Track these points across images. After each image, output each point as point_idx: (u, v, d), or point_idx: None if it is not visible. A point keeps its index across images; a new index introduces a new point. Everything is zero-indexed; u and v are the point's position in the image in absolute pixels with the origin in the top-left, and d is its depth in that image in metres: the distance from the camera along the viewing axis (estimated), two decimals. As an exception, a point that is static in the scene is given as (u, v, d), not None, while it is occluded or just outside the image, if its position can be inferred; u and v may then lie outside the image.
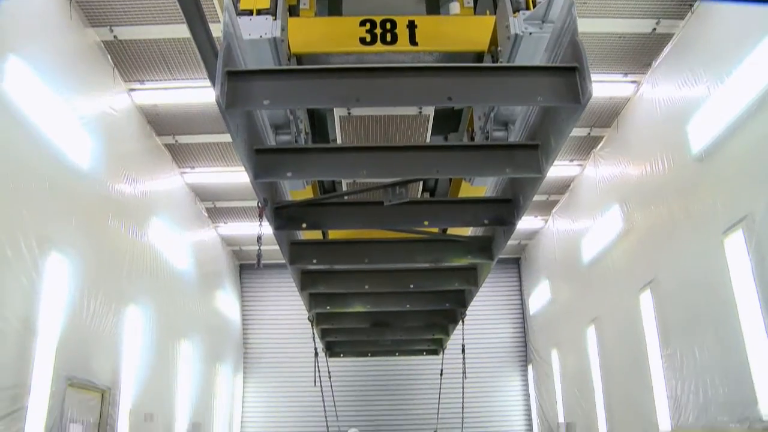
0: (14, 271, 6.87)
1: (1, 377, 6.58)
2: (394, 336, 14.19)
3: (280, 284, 17.88)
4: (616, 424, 11.62)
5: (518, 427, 17.83)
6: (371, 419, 17.37)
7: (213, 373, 15.10)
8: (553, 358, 15.56)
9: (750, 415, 7.42)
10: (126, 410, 9.71)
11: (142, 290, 10.55)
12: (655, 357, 9.86)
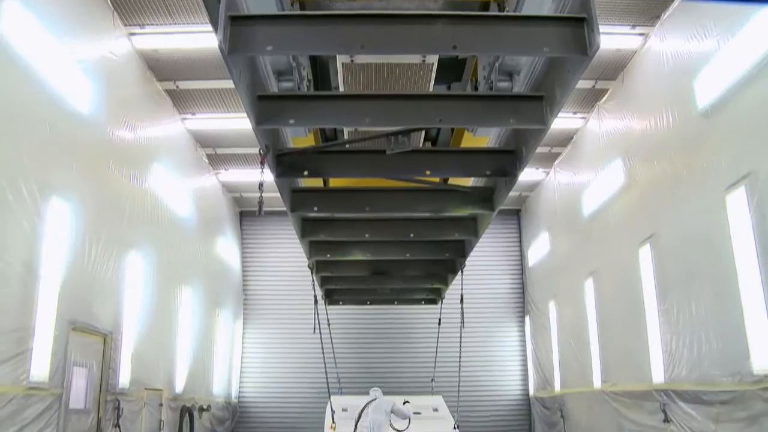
0: (16, 216, 6.89)
1: (5, 320, 6.68)
2: (393, 285, 14.34)
3: (280, 232, 17.95)
4: (611, 375, 11.80)
5: (514, 377, 18.11)
6: (369, 367, 17.62)
7: (213, 319, 15.27)
8: (551, 310, 15.71)
9: (742, 369, 7.54)
10: (128, 354, 9.85)
11: (143, 236, 10.59)
12: (652, 311, 9.96)
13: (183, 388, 12.56)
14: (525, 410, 17.77)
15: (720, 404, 7.99)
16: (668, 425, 9.31)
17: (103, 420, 8.91)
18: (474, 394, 17.21)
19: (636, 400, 10.48)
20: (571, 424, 13.97)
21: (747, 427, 7.47)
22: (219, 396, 15.66)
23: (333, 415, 12.15)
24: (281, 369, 17.88)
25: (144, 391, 10.41)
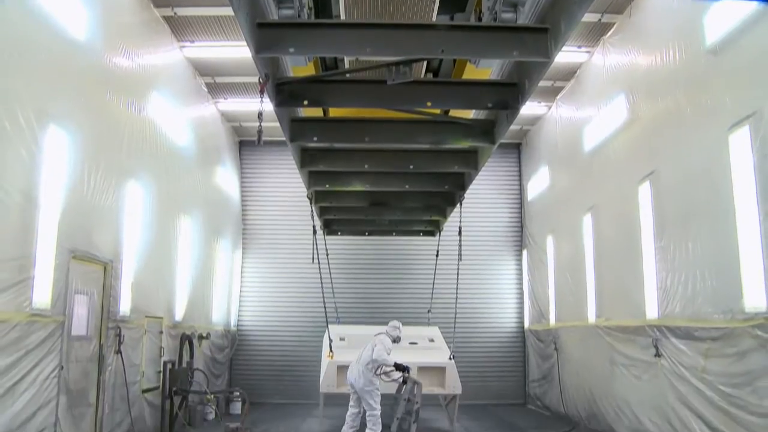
0: (13, 144, 6.83)
1: (6, 248, 6.71)
2: (392, 216, 14.46)
3: (279, 161, 17.91)
4: (605, 310, 11.96)
5: (510, 310, 18.38)
6: (367, 297, 17.87)
7: (212, 248, 15.38)
8: (548, 244, 15.81)
9: (734, 307, 7.64)
10: (128, 282, 9.94)
11: (142, 165, 10.55)
12: (649, 248, 10.02)
13: (183, 316, 12.74)
14: (520, 342, 18.11)
15: (711, 340, 8.14)
16: (659, 360, 9.49)
17: (105, 346, 9.08)
18: (470, 325, 17.48)
19: (629, 335, 10.66)
20: (565, 357, 14.26)
21: (735, 362, 7.64)
22: (218, 324, 15.92)
23: (331, 344, 12.35)
24: (280, 298, 18.13)
25: (144, 319, 10.56)
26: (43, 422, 7.39)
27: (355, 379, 10.45)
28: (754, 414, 7.26)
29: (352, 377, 10.51)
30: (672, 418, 9.10)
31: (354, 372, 10.51)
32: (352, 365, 10.66)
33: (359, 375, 10.41)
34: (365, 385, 10.41)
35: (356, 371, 10.49)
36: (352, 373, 10.53)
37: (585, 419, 12.77)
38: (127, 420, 9.57)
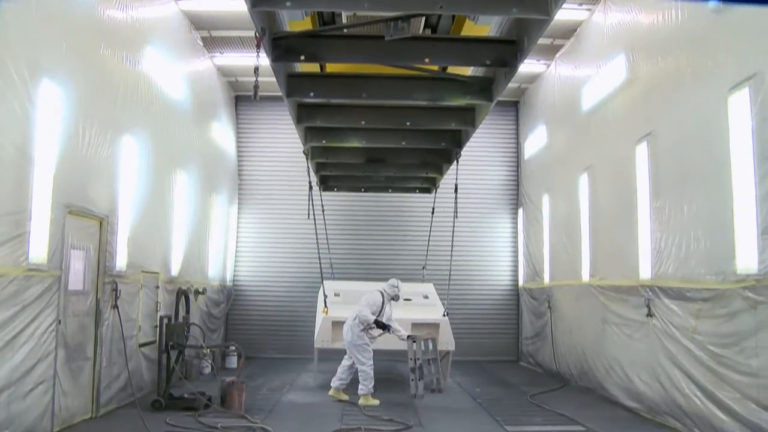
0: (6, 98, 6.76)
1: (1, 203, 6.68)
2: (388, 173, 14.47)
3: (276, 117, 17.79)
4: (599, 269, 12.05)
5: (504, 268, 18.50)
6: (362, 253, 17.94)
7: (208, 204, 15.37)
8: (544, 203, 15.84)
9: (726, 269, 7.70)
10: (124, 238, 9.94)
11: (137, 120, 10.46)
12: (644, 209, 10.04)
13: (179, 271, 12.79)
14: (514, 300, 18.28)
15: (702, 301, 8.23)
16: (651, 319, 9.60)
17: (102, 301, 9.13)
18: (464, 282, 17.62)
19: (622, 294, 10.75)
20: (558, 315, 14.41)
21: (725, 323, 7.73)
22: (214, 279, 16.00)
23: (326, 300, 12.46)
24: (275, 254, 18.20)
25: (141, 274, 10.60)
26: (43, 375, 7.48)
27: (345, 333, 10.94)
28: (741, 373, 7.39)
29: (344, 332, 10.97)
30: (661, 377, 9.25)
31: (345, 327, 10.96)
32: (347, 320, 10.98)
33: (348, 330, 10.89)
34: (353, 340, 10.84)
35: (347, 326, 10.92)
36: (345, 328, 10.97)
37: (576, 377, 12.97)
38: (125, 374, 9.67)
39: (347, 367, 11.13)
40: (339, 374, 11.16)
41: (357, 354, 10.81)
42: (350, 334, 10.87)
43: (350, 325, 10.92)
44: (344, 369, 11.16)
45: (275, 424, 8.88)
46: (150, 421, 8.56)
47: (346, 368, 11.15)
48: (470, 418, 9.93)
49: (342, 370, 11.16)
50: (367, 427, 8.77)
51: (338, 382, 11.14)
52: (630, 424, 9.34)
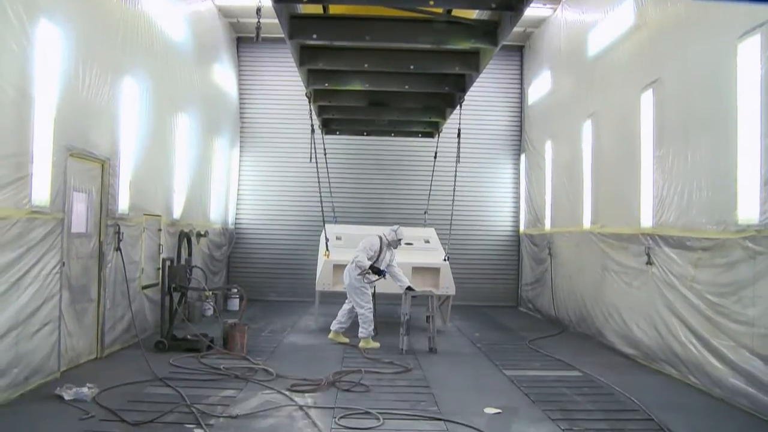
0: (4, 39, 6.65)
1: (3, 145, 6.65)
2: (391, 116, 14.37)
3: (278, 59, 17.60)
4: (600, 216, 12.06)
5: (506, 214, 18.53)
6: (364, 197, 17.96)
7: (210, 147, 15.30)
8: (547, 150, 15.76)
9: (727, 219, 7.71)
10: (126, 180, 9.94)
11: (137, 62, 10.33)
12: (647, 157, 9.98)
13: (181, 214, 12.83)
14: (514, 246, 18.38)
15: (702, 250, 8.26)
16: (650, 267, 9.66)
17: (105, 244, 9.18)
18: (466, 227, 17.70)
19: (622, 242, 10.80)
20: (558, 261, 14.50)
21: (724, 272, 7.79)
22: (216, 222, 16.06)
23: (327, 243, 12.54)
24: (277, 197, 18.22)
25: (143, 217, 10.63)
26: (48, 316, 7.58)
27: (344, 277, 11.19)
28: (737, 322, 7.49)
29: (344, 276, 11.23)
30: (659, 324, 9.36)
31: (345, 271, 11.21)
32: (347, 264, 11.20)
33: (347, 273, 11.14)
34: (352, 283, 11.07)
35: (346, 270, 11.17)
36: (344, 272, 11.22)
37: (575, 323, 13.13)
38: (128, 315, 9.80)
39: (347, 310, 11.29)
40: (339, 317, 11.34)
41: (356, 297, 10.99)
42: (348, 278, 11.09)
43: (349, 269, 11.13)
44: (344, 312, 11.32)
45: (276, 365, 9.03)
46: (153, 361, 8.72)
47: (345, 312, 11.31)
48: (469, 362, 10.09)
49: (342, 314, 11.33)
50: (367, 370, 8.91)
51: (338, 325, 11.32)
52: (626, 370, 9.49)
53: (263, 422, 6.46)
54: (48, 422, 6.20)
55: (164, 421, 6.29)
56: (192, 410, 6.62)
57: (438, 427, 6.51)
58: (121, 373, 8.20)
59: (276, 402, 7.19)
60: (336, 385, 8.06)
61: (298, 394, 7.60)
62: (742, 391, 7.31)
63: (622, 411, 7.22)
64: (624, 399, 7.71)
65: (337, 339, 11.24)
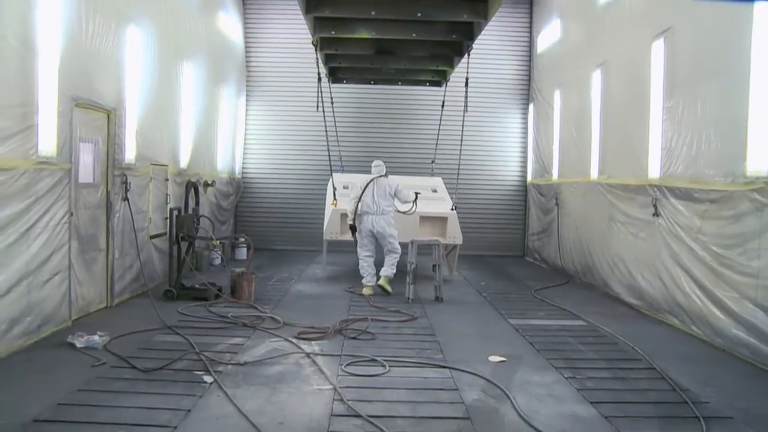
0: (4, -14, 6.57)
1: (8, 95, 6.63)
2: (398, 65, 14.23)
3: (284, 6, 17.37)
4: (608, 167, 12.01)
5: (513, 164, 18.46)
6: (371, 146, 17.87)
7: (216, 95, 15.21)
8: (555, 99, 15.61)
9: (736, 170, 7.66)
10: (132, 130, 9.91)
11: (141, 9, 10.19)
12: (657, 107, 9.87)
13: (188, 163, 12.83)
14: (521, 196, 18.36)
15: (709, 202, 8.24)
16: (657, 219, 9.66)
17: (112, 194, 9.21)
18: (473, 177, 17.69)
19: (629, 193, 10.77)
20: (565, 212, 14.50)
21: (730, 224, 7.78)
22: (223, 171, 16.07)
23: (334, 192, 12.56)
24: (284, 146, 18.18)
25: (150, 166, 10.64)
26: (58, 265, 7.67)
27: (380, 226, 11.25)
28: (741, 273, 7.51)
29: (375, 226, 11.24)
30: (663, 275, 9.40)
31: (377, 221, 11.25)
32: (370, 216, 11.23)
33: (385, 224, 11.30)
34: (388, 227, 11.31)
35: (380, 220, 11.26)
36: (375, 223, 11.24)
37: (580, 273, 13.20)
38: (137, 264, 9.90)
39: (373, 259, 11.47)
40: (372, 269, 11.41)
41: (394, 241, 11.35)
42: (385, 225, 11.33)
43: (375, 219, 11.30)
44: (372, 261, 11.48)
45: (284, 313, 9.15)
46: (162, 310, 8.85)
47: (372, 260, 11.48)
48: (475, 311, 10.20)
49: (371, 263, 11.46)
50: (373, 318, 9.03)
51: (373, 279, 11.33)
52: (630, 320, 9.58)
53: (271, 369, 6.58)
54: (61, 369, 6.33)
55: (174, 368, 6.42)
56: (201, 357, 6.75)
57: (443, 374, 6.62)
58: (130, 321, 8.33)
59: (283, 349, 7.32)
60: (342, 333, 8.18)
61: (305, 341, 7.72)
62: (744, 341, 7.39)
63: (625, 360, 7.32)
64: (627, 348, 7.80)
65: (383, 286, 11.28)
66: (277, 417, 5.21)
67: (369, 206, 11.23)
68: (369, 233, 11.29)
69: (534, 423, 5.20)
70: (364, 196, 11.26)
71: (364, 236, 11.32)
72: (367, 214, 11.25)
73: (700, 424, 5.23)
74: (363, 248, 11.39)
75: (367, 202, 11.25)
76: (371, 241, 11.37)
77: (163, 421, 5.01)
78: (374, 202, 11.24)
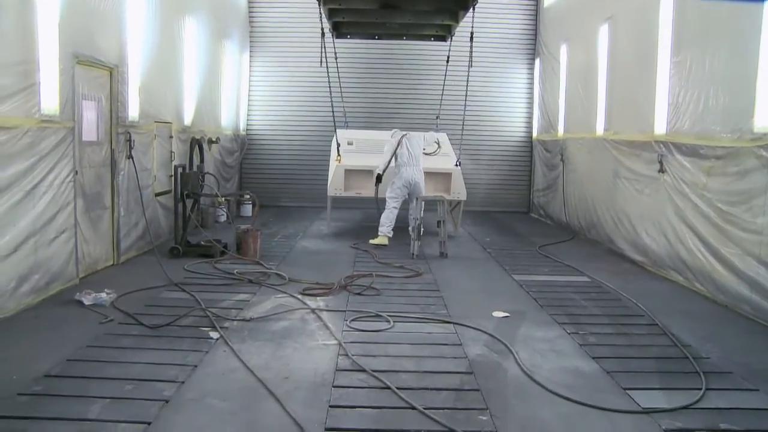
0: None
1: (8, 53, 6.56)
2: (402, 19, 14.03)
3: (286, -40, 17.09)
4: (614, 124, 11.92)
5: (518, 120, 18.31)
6: (375, 102, 17.77)
7: (219, 51, 15.06)
8: (562, 54, 15.41)
9: (743, 127, 7.60)
10: (135, 87, 9.85)
11: (142, -38, 10.05)
12: (664, 63, 9.74)
13: (192, 120, 12.78)
14: (527, 152, 18.27)
15: (715, 158, 8.20)
16: (662, 175, 9.62)
17: (116, 152, 9.20)
18: (478, 133, 17.59)
19: (635, 149, 10.71)
20: (570, 168, 14.44)
21: (736, 181, 7.75)
22: (227, 128, 16.00)
23: (339, 148, 12.55)
24: (289, 102, 18.06)
25: (153, 124, 10.60)
26: (64, 223, 7.71)
27: (419, 177, 11.88)
28: (746, 230, 7.51)
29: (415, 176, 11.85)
30: (668, 232, 9.41)
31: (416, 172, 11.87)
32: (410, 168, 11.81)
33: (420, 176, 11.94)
34: (422, 180, 11.96)
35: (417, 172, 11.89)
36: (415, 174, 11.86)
37: (585, 229, 13.21)
38: (142, 222, 9.94)
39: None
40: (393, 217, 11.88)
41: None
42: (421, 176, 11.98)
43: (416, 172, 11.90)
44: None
45: (289, 269, 9.23)
46: (168, 267, 8.92)
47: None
48: (479, 267, 10.25)
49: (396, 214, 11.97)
50: (378, 274, 9.09)
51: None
52: (634, 277, 9.62)
53: (276, 325, 6.66)
54: (69, 326, 6.42)
55: (180, 325, 6.50)
56: (207, 314, 6.83)
57: (447, 329, 6.69)
58: (137, 278, 8.41)
59: (289, 305, 7.40)
60: (347, 288, 8.26)
61: (311, 297, 7.80)
62: (746, 297, 7.43)
63: (628, 316, 7.37)
64: (630, 304, 7.86)
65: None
66: (282, 372, 5.29)
67: (407, 159, 11.77)
68: (407, 184, 11.77)
69: (536, 377, 5.28)
70: (401, 149, 11.71)
71: (400, 186, 11.78)
72: (406, 165, 11.77)
73: (699, 378, 5.29)
74: (396, 199, 11.88)
75: (404, 155, 11.75)
76: (405, 192, 11.85)
77: (170, 376, 5.09)
78: (411, 156, 11.78)
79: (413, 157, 11.79)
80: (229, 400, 4.72)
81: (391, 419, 4.46)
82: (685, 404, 4.78)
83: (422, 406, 4.59)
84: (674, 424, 4.46)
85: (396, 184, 11.77)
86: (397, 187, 11.77)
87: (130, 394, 4.72)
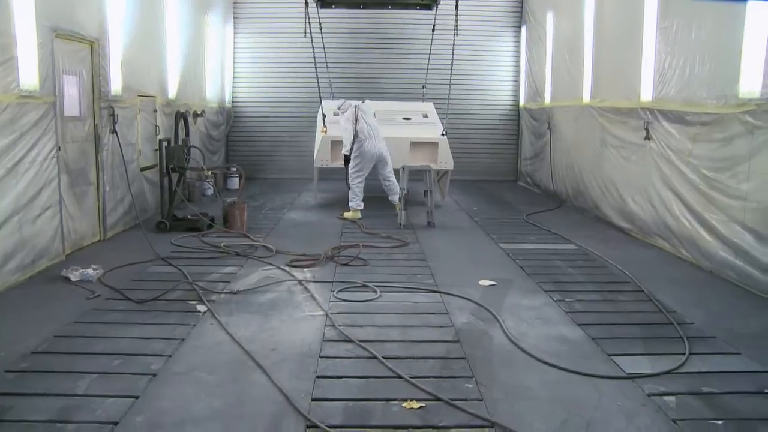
0: None
1: (-18, 27, 6.47)
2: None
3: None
4: (600, 89, 11.90)
5: (505, 88, 18.25)
6: (360, 73, 17.64)
7: (202, 23, 14.88)
8: (548, 22, 15.33)
9: (728, 92, 7.60)
10: (117, 61, 9.71)
11: (120, -68, 9.86)
12: (650, 28, 9.69)
13: (176, 93, 12.66)
14: (514, 120, 18.24)
15: (700, 125, 8.21)
16: (648, 142, 9.64)
17: (100, 126, 9.10)
18: (464, 102, 17.55)
19: (622, 116, 10.71)
20: (557, 136, 14.44)
21: (721, 147, 7.77)
22: (213, 101, 15.88)
23: (324, 120, 12.50)
24: (274, 74, 17.90)
25: (137, 98, 10.49)
26: (48, 200, 7.65)
27: (384, 148, 11.65)
28: (731, 197, 7.55)
29: (381, 148, 11.61)
30: (654, 199, 9.45)
31: (379, 144, 11.59)
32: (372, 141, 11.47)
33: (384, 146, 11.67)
34: (386, 150, 11.70)
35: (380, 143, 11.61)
36: (379, 146, 11.58)
37: (572, 197, 13.25)
38: (128, 197, 9.87)
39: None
40: (362, 193, 11.69)
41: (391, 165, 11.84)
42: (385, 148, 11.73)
43: (381, 143, 11.68)
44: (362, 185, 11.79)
45: (276, 242, 9.23)
46: (155, 242, 8.89)
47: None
48: (466, 236, 10.28)
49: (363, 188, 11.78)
50: (365, 244, 9.10)
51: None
52: (621, 244, 9.68)
53: (263, 297, 6.67)
54: (56, 302, 6.40)
55: (168, 299, 6.50)
56: (194, 287, 6.83)
57: (434, 298, 6.72)
58: (124, 253, 8.38)
59: (276, 277, 7.41)
60: (334, 259, 8.28)
61: (298, 269, 7.81)
62: (731, 263, 7.49)
63: (614, 283, 7.43)
64: (616, 271, 7.91)
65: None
66: (269, 343, 5.31)
67: (368, 132, 11.46)
68: (373, 157, 11.54)
69: (522, 345, 5.32)
70: (361, 125, 11.33)
71: (367, 161, 11.53)
72: (368, 138, 11.46)
73: (683, 343, 5.35)
74: (361, 174, 11.61)
75: (365, 130, 11.41)
76: (370, 166, 11.62)
77: (158, 350, 5.10)
78: (371, 128, 11.48)
79: (372, 128, 11.48)
80: (217, 372, 4.74)
81: (378, 389, 4.49)
82: (668, 369, 4.84)
83: (408, 375, 4.63)
84: (657, 389, 4.52)
85: (361, 161, 11.50)
86: (362, 164, 11.53)
87: (117, 369, 4.73)
